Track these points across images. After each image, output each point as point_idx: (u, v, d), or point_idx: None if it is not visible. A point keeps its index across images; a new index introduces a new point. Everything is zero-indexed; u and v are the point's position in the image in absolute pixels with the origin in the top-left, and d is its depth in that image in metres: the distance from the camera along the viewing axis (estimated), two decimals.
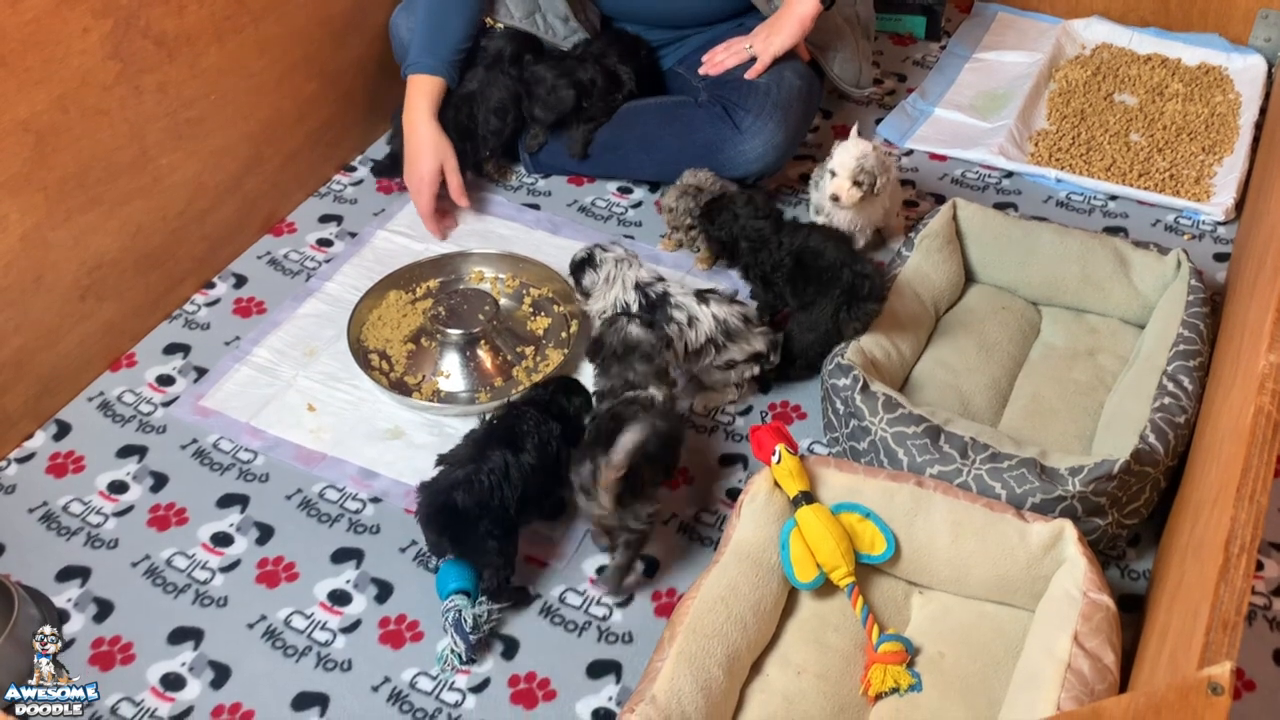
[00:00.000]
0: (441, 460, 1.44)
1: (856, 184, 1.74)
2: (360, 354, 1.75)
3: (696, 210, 1.84)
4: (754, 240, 1.72)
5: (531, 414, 1.46)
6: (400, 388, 1.72)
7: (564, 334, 1.81)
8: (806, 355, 1.67)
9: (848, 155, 1.75)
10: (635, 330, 1.54)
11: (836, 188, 1.75)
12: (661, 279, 1.68)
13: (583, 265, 1.72)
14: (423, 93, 1.94)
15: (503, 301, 1.83)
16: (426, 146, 1.92)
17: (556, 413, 1.50)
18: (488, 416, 1.50)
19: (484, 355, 1.75)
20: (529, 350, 1.77)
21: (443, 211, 2.01)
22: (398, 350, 1.77)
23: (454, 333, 1.74)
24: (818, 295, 1.63)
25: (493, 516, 1.37)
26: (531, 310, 1.85)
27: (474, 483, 1.36)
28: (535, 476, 1.42)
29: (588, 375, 1.71)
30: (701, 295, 1.65)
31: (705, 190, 1.87)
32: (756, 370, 1.67)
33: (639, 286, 1.67)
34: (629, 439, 1.33)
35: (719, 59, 2.03)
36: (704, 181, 1.88)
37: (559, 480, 1.46)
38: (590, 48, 2.08)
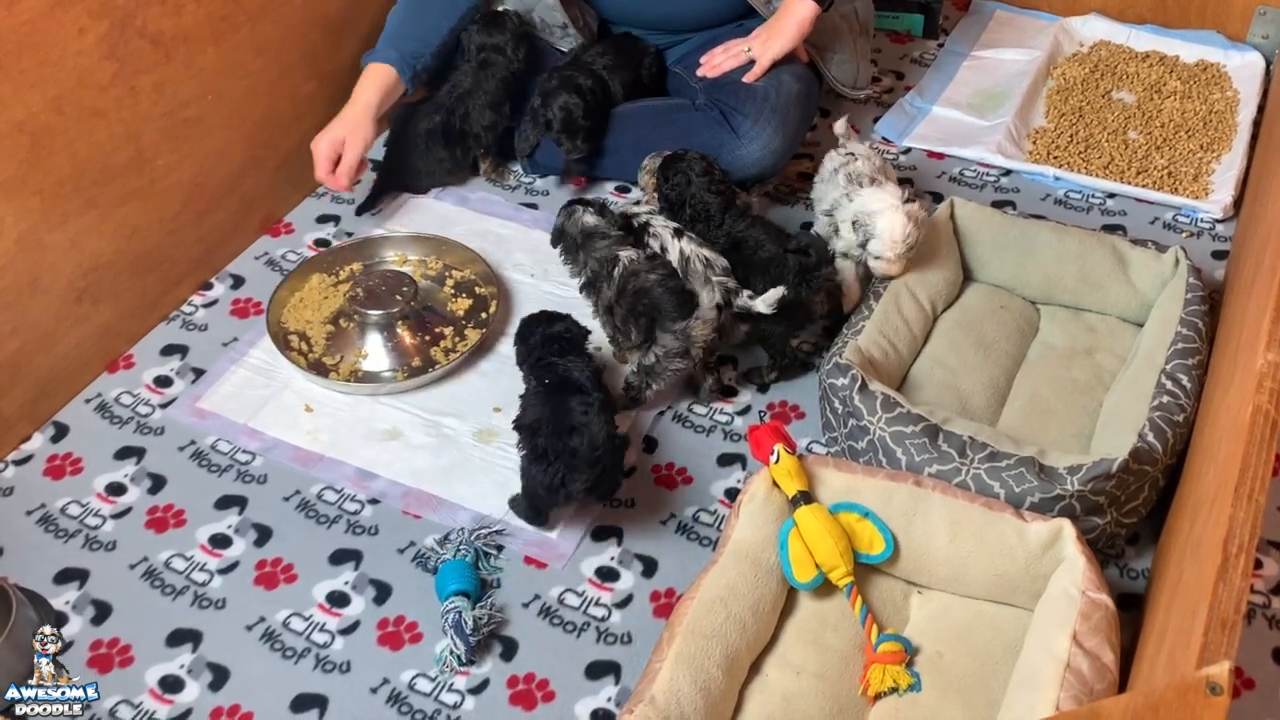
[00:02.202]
0: (519, 424, 1.49)
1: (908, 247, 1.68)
2: (280, 337, 1.77)
3: None
4: (697, 209, 1.75)
5: (575, 362, 1.53)
6: (318, 368, 1.73)
7: (484, 314, 1.83)
8: (797, 351, 1.69)
9: (896, 230, 1.64)
10: (589, 219, 1.71)
11: (889, 266, 1.69)
12: (650, 211, 1.76)
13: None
14: (373, 78, 1.96)
15: (424, 283, 1.85)
16: (343, 118, 1.94)
17: (578, 340, 1.59)
18: (529, 386, 1.56)
19: (403, 335, 1.77)
20: (448, 330, 1.79)
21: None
22: (317, 331, 1.79)
23: (372, 313, 1.76)
24: (772, 288, 1.64)
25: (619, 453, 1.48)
26: (453, 292, 1.87)
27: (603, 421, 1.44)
28: (609, 411, 1.50)
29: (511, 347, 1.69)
30: (678, 230, 1.71)
31: None
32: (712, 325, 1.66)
33: (625, 215, 1.76)
34: (708, 303, 1.60)
35: (717, 61, 2.02)
36: None
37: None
38: (584, 54, 2.08)
